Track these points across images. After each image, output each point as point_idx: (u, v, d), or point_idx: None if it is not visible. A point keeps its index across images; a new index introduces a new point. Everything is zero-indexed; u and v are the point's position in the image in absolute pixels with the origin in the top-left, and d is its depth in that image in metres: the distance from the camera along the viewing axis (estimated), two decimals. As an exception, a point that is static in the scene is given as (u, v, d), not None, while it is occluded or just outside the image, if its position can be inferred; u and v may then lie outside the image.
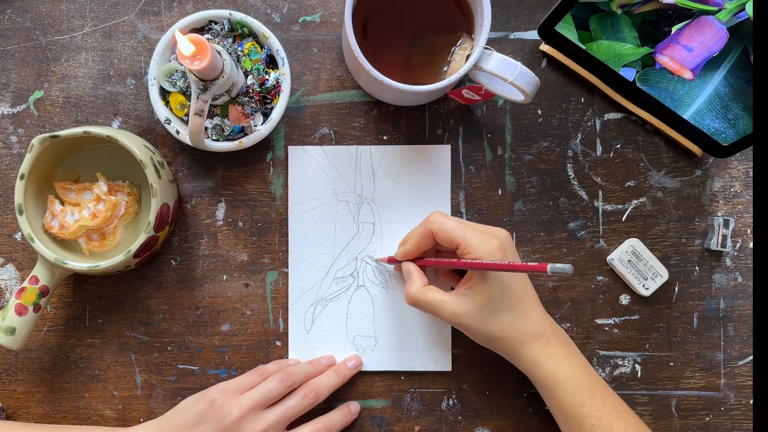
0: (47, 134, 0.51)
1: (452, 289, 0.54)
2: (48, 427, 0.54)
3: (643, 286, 0.58)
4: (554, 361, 0.51)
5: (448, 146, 0.59)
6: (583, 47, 0.55)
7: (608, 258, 0.58)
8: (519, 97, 0.52)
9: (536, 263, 0.45)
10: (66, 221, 0.53)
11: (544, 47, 0.58)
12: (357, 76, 0.57)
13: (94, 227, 0.54)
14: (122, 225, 0.56)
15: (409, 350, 0.58)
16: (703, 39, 0.50)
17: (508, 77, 0.49)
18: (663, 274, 0.58)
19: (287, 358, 0.58)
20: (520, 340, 0.51)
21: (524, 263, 0.46)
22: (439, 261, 0.53)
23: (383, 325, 0.58)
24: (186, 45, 0.45)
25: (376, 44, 0.53)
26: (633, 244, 0.58)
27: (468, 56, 0.51)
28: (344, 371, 0.57)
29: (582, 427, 0.50)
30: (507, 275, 0.50)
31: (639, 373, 0.59)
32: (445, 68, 0.53)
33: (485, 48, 0.50)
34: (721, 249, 0.58)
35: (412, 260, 0.54)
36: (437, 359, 0.58)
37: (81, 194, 0.55)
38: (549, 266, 0.43)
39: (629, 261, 0.57)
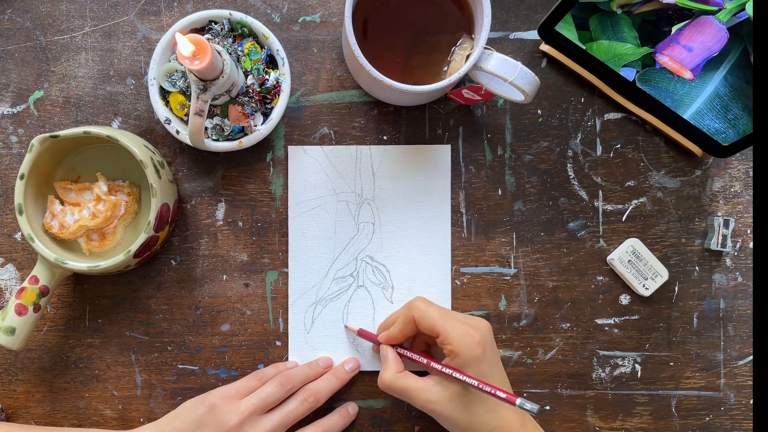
0: (47, 134, 0.51)
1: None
2: (48, 429, 0.54)
3: (644, 286, 0.58)
4: None
5: (448, 146, 0.59)
6: (583, 47, 0.55)
7: (608, 258, 0.58)
8: (519, 97, 0.52)
9: (505, 395, 0.47)
10: (66, 221, 0.53)
11: (544, 47, 0.58)
12: (357, 76, 0.57)
13: (94, 227, 0.54)
14: (122, 225, 0.56)
15: (409, 350, 0.58)
16: (703, 39, 0.50)
17: (508, 77, 0.49)
18: (663, 274, 0.58)
19: (287, 358, 0.58)
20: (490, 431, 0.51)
21: (495, 388, 0.48)
22: (417, 358, 0.53)
23: (383, 325, 0.58)
24: (186, 45, 0.45)
25: (376, 44, 0.53)
26: (633, 244, 0.58)
27: (468, 56, 0.51)
28: (342, 374, 0.57)
29: None
30: (484, 367, 0.50)
31: (639, 373, 0.59)
32: (445, 68, 0.53)
33: (485, 48, 0.50)
34: (721, 249, 0.58)
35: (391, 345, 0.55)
36: (437, 359, 0.58)
37: (81, 194, 0.55)
38: (518, 400, 0.46)
39: (629, 261, 0.57)
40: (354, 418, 0.58)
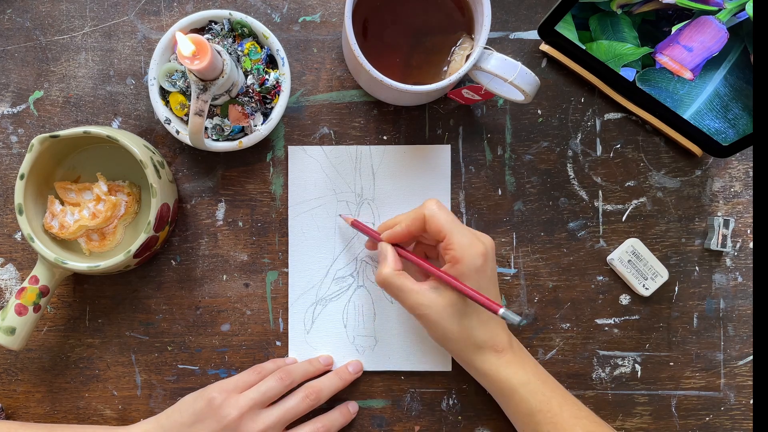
0: (47, 134, 0.51)
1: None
2: (47, 427, 0.54)
3: (644, 286, 0.58)
4: (509, 368, 0.51)
5: (448, 146, 0.59)
6: (583, 47, 0.55)
7: (608, 258, 0.58)
8: (519, 97, 0.52)
9: (492, 301, 0.48)
10: (66, 221, 0.53)
11: (544, 47, 0.58)
12: (357, 76, 0.57)
13: (94, 227, 0.54)
14: (122, 225, 0.56)
15: (408, 350, 0.58)
16: (703, 39, 0.50)
17: (508, 77, 0.49)
18: (663, 274, 0.58)
19: (286, 357, 0.58)
20: (477, 346, 0.51)
21: (486, 298, 0.48)
22: (416, 258, 0.52)
23: (383, 325, 0.58)
24: (186, 45, 0.45)
25: (376, 44, 0.53)
26: (633, 244, 0.58)
27: (468, 56, 0.51)
28: (346, 375, 0.57)
29: None
30: (482, 279, 0.50)
31: (639, 373, 0.59)
32: (445, 68, 0.53)
33: (485, 48, 0.50)
34: (721, 249, 0.58)
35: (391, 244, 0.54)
36: (437, 360, 0.58)
37: (81, 194, 0.55)
38: (501, 310, 0.47)
39: (629, 261, 0.57)
40: (354, 417, 0.58)
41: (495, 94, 0.53)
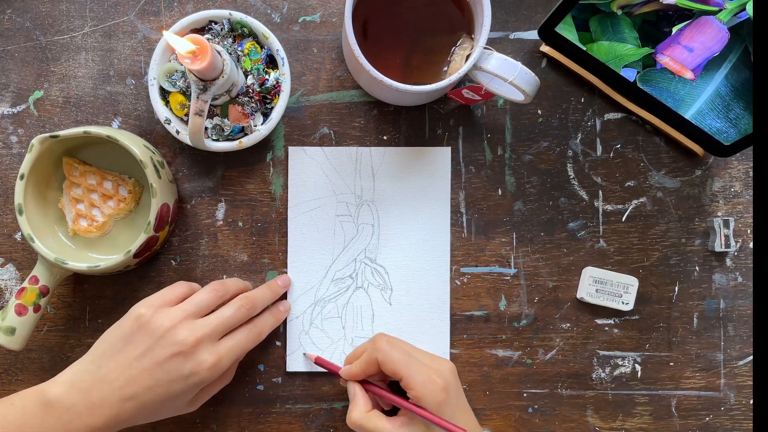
0: (47, 134, 0.51)
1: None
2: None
3: (622, 302, 0.58)
4: None
5: (448, 148, 0.58)
6: (584, 48, 0.55)
7: (577, 296, 0.58)
8: (519, 97, 0.52)
9: (458, 427, 0.48)
10: (94, 215, 0.55)
11: (544, 48, 0.58)
12: (357, 77, 0.57)
13: (125, 212, 0.55)
14: (113, 219, 0.56)
15: (408, 350, 0.58)
16: (703, 39, 0.50)
17: (508, 77, 0.49)
18: (633, 283, 0.58)
19: (285, 359, 0.58)
20: None
21: (451, 425, 0.48)
22: (382, 394, 0.52)
23: (382, 327, 0.58)
24: (181, 44, 0.45)
25: (376, 44, 0.53)
26: (590, 273, 0.58)
27: (468, 56, 0.51)
28: (275, 288, 0.56)
29: None
30: (447, 411, 0.50)
31: (639, 373, 0.59)
32: (445, 68, 0.53)
33: (485, 48, 0.50)
34: (725, 250, 0.58)
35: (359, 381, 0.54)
36: (437, 360, 0.58)
37: (85, 176, 0.55)
38: None
39: (596, 291, 0.57)
40: (287, 315, 0.57)
41: (495, 94, 0.53)
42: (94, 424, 0.48)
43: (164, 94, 0.55)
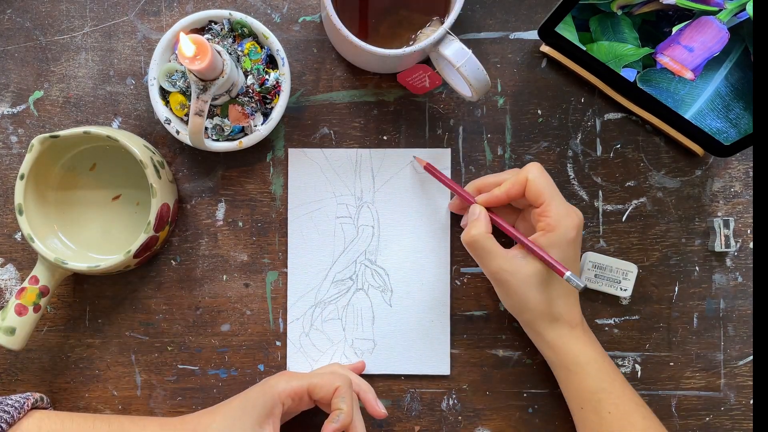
0: (47, 134, 0.51)
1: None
2: (95, 417, 0.52)
3: (620, 288, 0.58)
4: (579, 344, 0.52)
5: (448, 150, 0.58)
6: (584, 48, 0.55)
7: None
8: (467, 93, 0.52)
9: (560, 266, 0.50)
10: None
11: (545, 48, 0.58)
12: (330, 34, 0.57)
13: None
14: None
15: (407, 354, 0.58)
16: (703, 39, 0.50)
17: (456, 63, 0.49)
18: (632, 269, 0.58)
19: (285, 359, 0.58)
20: (552, 318, 0.52)
21: (565, 268, 0.49)
22: (506, 225, 0.53)
23: (382, 328, 0.58)
24: (188, 46, 0.45)
25: (353, 7, 0.53)
26: (589, 258, 0.58)
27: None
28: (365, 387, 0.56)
29: (599, 414, 0.51)
30: (572, 252, 0.51)
31: (639, 373, 0.59)
32: (410, 44, 0.53)
33: (448, 32, 0.50)
34: (726, 250, 0.58)
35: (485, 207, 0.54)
36: (435, 363, 0.58)
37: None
38: (567, 273, 0.49)
39: (596, 275, 0.57)
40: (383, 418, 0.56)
41: (442, 81, 0.52)
42: None
43: (164, 94, 0.55)
